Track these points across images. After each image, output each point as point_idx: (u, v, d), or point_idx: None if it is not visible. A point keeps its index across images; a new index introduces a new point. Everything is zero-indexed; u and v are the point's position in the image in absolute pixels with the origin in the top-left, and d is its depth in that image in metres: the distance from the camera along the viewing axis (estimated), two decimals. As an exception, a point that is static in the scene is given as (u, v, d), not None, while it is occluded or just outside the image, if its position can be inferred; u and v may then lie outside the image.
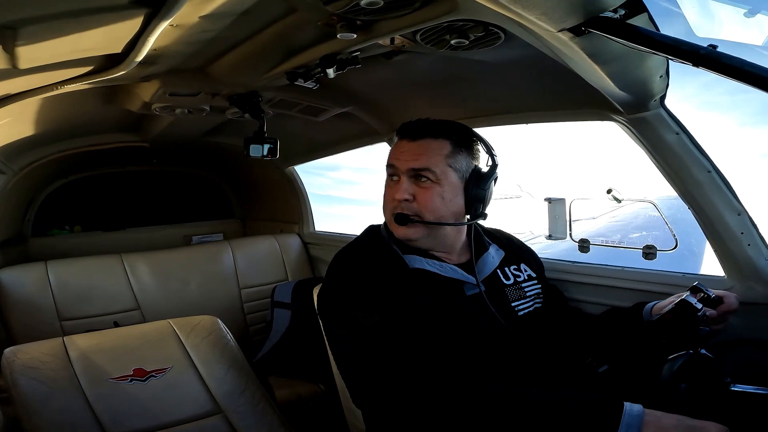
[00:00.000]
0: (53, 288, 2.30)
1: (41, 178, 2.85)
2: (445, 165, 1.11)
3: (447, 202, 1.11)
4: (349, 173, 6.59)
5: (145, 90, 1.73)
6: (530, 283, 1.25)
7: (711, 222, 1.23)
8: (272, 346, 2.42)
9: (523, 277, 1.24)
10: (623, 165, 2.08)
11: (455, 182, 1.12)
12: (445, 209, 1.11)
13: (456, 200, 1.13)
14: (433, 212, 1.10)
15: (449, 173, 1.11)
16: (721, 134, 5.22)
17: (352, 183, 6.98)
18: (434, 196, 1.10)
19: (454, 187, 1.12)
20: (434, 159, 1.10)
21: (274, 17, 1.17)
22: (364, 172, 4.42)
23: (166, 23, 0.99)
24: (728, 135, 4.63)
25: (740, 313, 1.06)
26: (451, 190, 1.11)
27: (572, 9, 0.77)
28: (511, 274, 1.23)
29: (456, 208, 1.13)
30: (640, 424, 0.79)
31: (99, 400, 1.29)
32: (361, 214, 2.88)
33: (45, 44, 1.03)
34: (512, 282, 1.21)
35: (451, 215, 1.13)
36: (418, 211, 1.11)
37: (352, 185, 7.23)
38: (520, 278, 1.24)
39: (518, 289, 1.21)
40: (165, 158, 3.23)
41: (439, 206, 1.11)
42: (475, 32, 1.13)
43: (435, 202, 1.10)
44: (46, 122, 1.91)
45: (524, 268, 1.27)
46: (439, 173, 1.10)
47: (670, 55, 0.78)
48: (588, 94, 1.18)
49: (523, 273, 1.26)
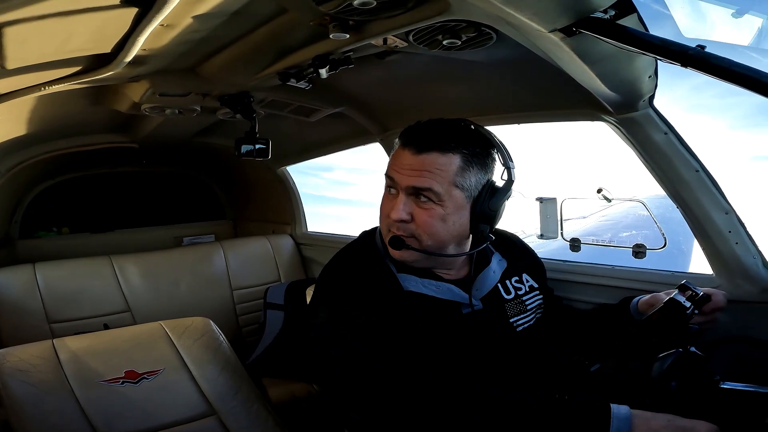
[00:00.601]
0: (41, 290, 2.27)
1: (28, 179, 2.81)
2: (451, 185, 1.00)
3: (449, 225, 1.02)
4: (343, 174, 6.60)
5: (134, 90, 1.71)
6: (531, 295, 1.20)
7: (699, 221, 1.24)
8: (266, 347, 2.40)
9: (524, 290, 1.20)
10: (613, 165, 2.11)
11: (461, 202, 1.02)
12: (446, 232, 1.02)
13: (459, 221, 1.03)
14: (432, 236, 1.01)
15: (454, 192, 1.01)
16: (713, 137, 5.33)
17: (345, 183, 6.99)
18: (435, 218, 1.01)
19: (459, 206, 1.02)
20: (439, 178, 0.99)
21: (266, 17, 1.16)
22: (358, 172, 4.44)
23: (156, 23, 0.99)
24: (719, 137, 4.72)
25: (728, 310, 1.07)
26: (454, 210, 1.01)
27: (563, 10, 0.78)
28: (512, 287, 1.18)
29: (459, 230, 1.04)
30: (629, 427, 0.79)
31: (90, 402, 1.28)
32: (355, 215, 2.89)
33: (33, 44, 1.02)
34: (513, 296, 1.16)
35: (452, 238, 1.04)
36: (415, 233, 1.02)
37: (346, 186, 7.23)
38: (522, 291, 1.19)
39: (518, 303, 1.16)
40: (155, 159, 3.20)
41: (440, 230, 1.01)
42: (468, 33, 1.13)
43: (435, 226, 1.01)
44: (34, 123, 1.89)
45: (526, 278, 1.22)
46: (442, 194, 0.99)
47: (658, 56, 0.80)
48: (578, 95, 1.19)
49: (524, 285, 1.21)
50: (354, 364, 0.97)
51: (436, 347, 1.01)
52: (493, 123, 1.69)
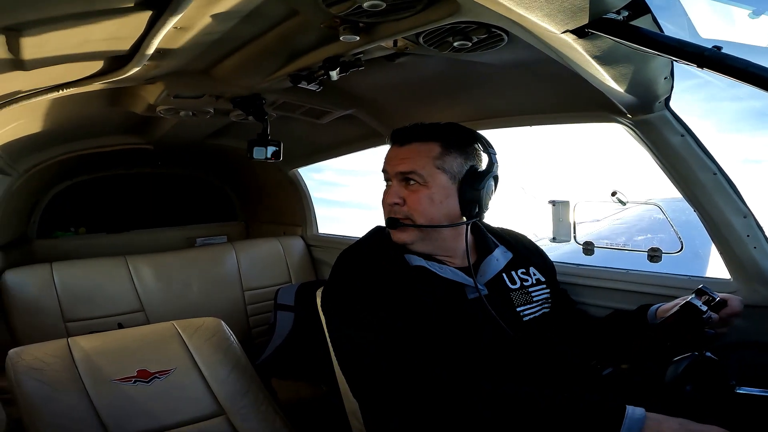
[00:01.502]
0: (58, 289, 2.31)
1: (46, 179, 2.87)
2: (433, 167, 1.11)
3: (437, 204, 1.11)
4: (332, 175, 6.60)
5: (149, 92, 1.74)
6: (538, 288, 1.22)
7: (716, 225, 1.22)
8: (275, 348, 2.42)
9: (531, 282, 1.22)
10: (628, 167, 2.07)
11: (446, 184, 1.12)
12: (436, 211, 1.11)
13: (448, 202, 1.12)
14: (423, 214, 1.11)
15: (437, 175, 1.11)
16: (703, 140, 5.28)
17: (336, 185, 7.02)
18: (422, 198, 1.11)
19: (445, 188, 1.12)
20: (421, 162, 1.11)
21: (278, 19, 1.17)
22: (349, 174, 4.43)
23: (170, 25, 1.00)
24: (708, 141, 4.65)
25: (745, 315, 1.05)
26: (441, 191, 1.11)
27: (575, 11, 0.77)
28: (518, 278, 1.21)
29: (448, 210, 1.13)
30: (641, 428, 0.79)
31: (103, 401, 1.29)
32: (346, 217, 2.89)
33: (50, 46, 1.04)
34: (518, 286, 1.19)
35: (444, 217, 1.12)
36: (408, 215, 1.12)
37: (337, 187, 7.27)
38: (528, 282, 1.21)
39: (525, 294, 1.18)
40: (169, 160, 3.24)
41: (428, 208, 1.11)
42: (478, 34, 1.12)
43: (423, 204, 1.11)
44: (52, 124, 1.92)
45: (533, 271, 1.24)
46: (426, 175, 1.10)
47: (674, 57, 0.78)
48: (592, 96, 1.17)
49: (531, 277, 1.23)
50: (362, 364, 0.99)
51: (443, 331, 1.03)
52: (505, 125, 1.68)
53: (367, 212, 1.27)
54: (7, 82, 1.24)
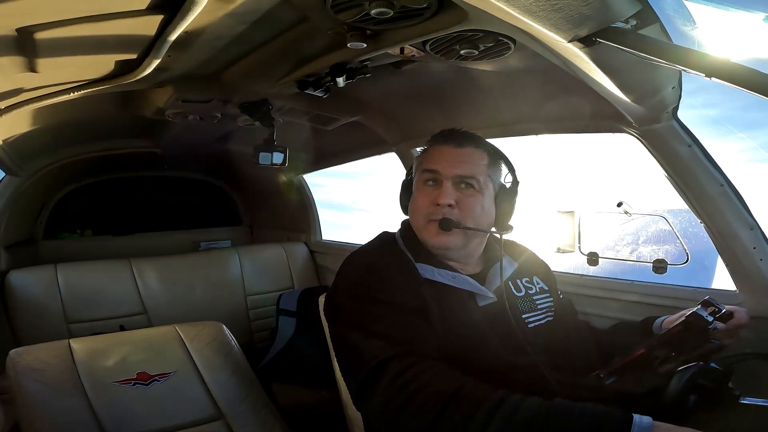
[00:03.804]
0: (62, 290, 2.32)
1: (54, 181, 2.89)
2: (486, 175, 1.11)
3: (485, 212, 1.11)
4: (308, 175, 6.22)
5: (159, 96, 1.75)
6: (542, 296, 1.22)
7: (723, 236, 1.21)
8: (277, 353, 2.41)
9: (534, 290, 1.22)
10: (633, 177, 2.06)
11: (491, 193, 1.13)
12: (484, 219, 1.11)
13: (491, 211, 1.13)
14: (474, 221, 1.10)
15: (489, 184, 1.12)
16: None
17: (312, 185, 6.62)
18: (476, 204, 1.10)
19: (490, 198, 1.13)
20: (478, 168, 1.10)
21: (287, 25, 1.18)
22: (325, 175, 4.21)
23: (181, 29, 1.01)
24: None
25: (751, 327, 1.04)
26: (488, 200, 1.12)
27: (583, 20, 0.77)
28: (522, 286, 1.21)
29: (489, 220, 1.13)
30: None
31: (101, 403, 1.29)
32: (326, 217, 2.88)
33: (61, 49, 1.05)
34: (523, 294, 1.19)
35: (486, 227, 1.13)
36: (459, 217, 1.09)
37: (313, 187, 6.81)
38: (532, 290, 1.21)
39: (529, 302, 1.19)
40: (175, 164, 3.27)
41: (480, 215, 1.10)
42: (485, 42, 1.13)
43: (476, 211, 1.10)
44: (61, 126, 1.94)
45: (536, 281, 1.25)
46: (482, 182, 1.10)
47: (682, 66, 0.78)
48: (599, 106, 1.17)
49: (535, 286, 1.23)
50: (365, 370, 0.97)
51: (451, 342, 1.01)
52: (511, 134, 1.68)
53: (341, 214, 1.26)
54: (19, 84, 1.25)
